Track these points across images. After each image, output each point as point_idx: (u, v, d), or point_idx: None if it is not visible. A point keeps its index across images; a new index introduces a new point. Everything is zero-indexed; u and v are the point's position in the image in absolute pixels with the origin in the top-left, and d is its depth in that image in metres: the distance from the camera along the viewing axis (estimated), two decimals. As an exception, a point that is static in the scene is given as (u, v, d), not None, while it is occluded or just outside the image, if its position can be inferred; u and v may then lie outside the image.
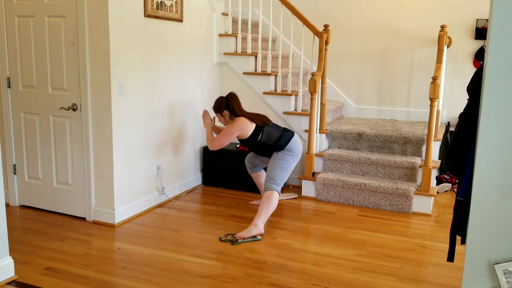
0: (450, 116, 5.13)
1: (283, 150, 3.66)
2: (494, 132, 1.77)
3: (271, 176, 3.59)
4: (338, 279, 2.83)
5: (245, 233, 3.40)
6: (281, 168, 3.60)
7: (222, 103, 3.75)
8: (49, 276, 2.80)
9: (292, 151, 3.66)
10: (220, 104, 3.76)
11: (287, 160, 3.64)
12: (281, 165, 3.61)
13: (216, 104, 3.79)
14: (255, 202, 4.19)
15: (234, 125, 3.67)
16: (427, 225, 3.76)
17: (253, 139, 3.67)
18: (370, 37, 5.37)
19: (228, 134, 3.66)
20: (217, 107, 3.78)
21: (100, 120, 3.52)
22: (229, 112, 3.74)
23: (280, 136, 3.67)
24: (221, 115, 3.77)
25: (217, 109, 3.78)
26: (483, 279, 1.87)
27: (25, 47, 3.67)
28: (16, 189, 3.97)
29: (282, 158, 3.63)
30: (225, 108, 3.74)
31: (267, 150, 3.72)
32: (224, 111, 3.74)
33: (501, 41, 1.72)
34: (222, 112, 3.76)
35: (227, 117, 3.76)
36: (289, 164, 3.64)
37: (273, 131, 3.69)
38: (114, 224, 3.61)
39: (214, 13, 4.70)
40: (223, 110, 3.75)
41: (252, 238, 3.38)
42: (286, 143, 3.66)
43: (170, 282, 2.76)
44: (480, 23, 4.88)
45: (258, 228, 3.43)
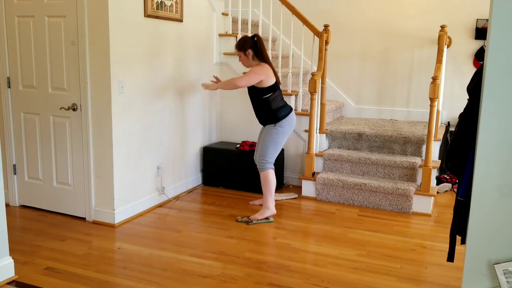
0: (450, 116, 5.13)
1: (278, 125, 3.69)
2: (494, 132, 1.77)
3: (262, 154, 3.73)
4: (338, 279, 2.83)
5: (259, 215, 3.73)
6: (272, 145, 3.73)
7: (247, 41, 3.66)
8: (49, 276, 2.80)
9: (285, 127, 3.72)
10: (246, 42, 3.66)
11: (279, 138, 3.74)
12: (273, 142, 3.72)
13: (240, 41, 3.69)
14: (255, 202, 4.19)
15: (261, 68, 3.61)
16: (427, 225, 3.76)
17: (264, 92, 3.64)
18: (370, 37, 5.37)
19: (255, 73, 3.59)
20: (242, 44, 3.66)
21: (100, 120, 3.52)
22: (253, 52, 3.66)
23: (283, 106, 3.70)
24: (244, 53, 3.67)
25: (241, 47, 3.66)
26: (483, 279, 1.87)
27: (25, 47, 3.67)
28: (16, 189, 3.97)
29: (275, 136, 3.71)
30: (251, 47, 3.65)
31: (265, 113, 3.70)
32: (249, 50, 3.65)
33: (501, 41, 1.72)
34: (246, 50, 3.65)
35: (250, 57, 3.66)
36: (280, 141, 3.77)
37: (280, 98, 3.73)
38: (114, 224, 3.61)
39: (214, 13, 4.70)
40: (248, 48, 3.65)
41: (265, 219, 3.69)
42: (284, 116, 3.70)
43: (170, 282, 2.76)
44: (480, 23, 4.88)
45: (270, 210, 3.75)
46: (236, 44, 3.75)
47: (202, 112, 4.68)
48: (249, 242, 3.36)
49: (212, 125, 4.89)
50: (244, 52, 3.67)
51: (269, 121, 3.72)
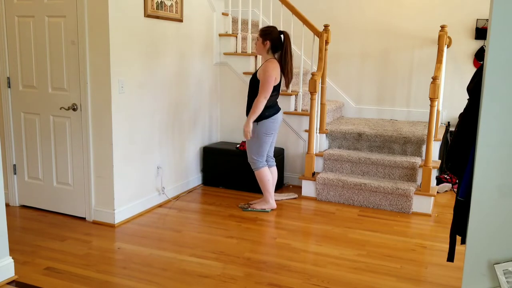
0: (450, 116, 5.13)
1: (260, 124, 3.74)
2: (494, 132, 1.77)
3: (249, 155, 3.89)
4: (338, 279, 2.83)
5: (257, 205, 3.99)
6: (255, 144, 3.83)
7: (273, 33, 3.67)
8: (49, 276, 2.80)
9: (266, 127, 3.77)
10: (271, 33, 3.67)
11: (261, 137, 3.81)
12: (255, 141, 3.82)
13: (267, 29, 3.70)
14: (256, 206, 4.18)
15: (268, 68, 3.63)
16: (427, 225, 3.76)
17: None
18: (370, 37, 5.37)
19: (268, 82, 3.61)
20: (266, 33, 3.68)
21: (100, 120, 3.52)
22: (271, 45, 3.67)
23: (270, 106, 3.74)
24: (262, 41, 3.68)
25: (264, 34, 3.68)
26: (483, 279, 1.87)
27: (25, 47, 3.67)
28: (16, 189, 3.97)
29: (256, 135, 3.77)
30: (271, 40, 3.66)
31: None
32: (268, 41, 3.67)
33: (501, 41, 1.72)
34: (266, 40, 3.66)
35: (266, 47, 3.68)
36: (263, 140, 3.82)
37: (274, 99, 3.78)
38: (114, 224, 3.61)
39: (214, 13, 4.70)
40: (268, 39, 3.66)
41: (261, 209, 3.92)
42: (267, 116, 3.75)
43: (170, 282, 2.76)
44: (480, 23, 4.88)
45: (270, 204, 3.96)
46: (262, 28, 3.77)
47: (202, 112, 4.68)
48: (249, 242, 3.36)
49: (212, 125, 4.89)
50: (263, 40, 3.68)
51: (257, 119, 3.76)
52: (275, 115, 3.81)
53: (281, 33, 3.73)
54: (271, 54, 3.73)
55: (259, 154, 3.85)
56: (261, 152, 3.85)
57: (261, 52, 3.75)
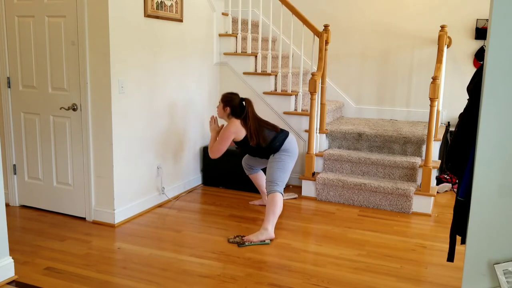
0: (450, 116, 5.13)
1: (279, 152, 3.61)
2: (494, 132, 1.77)
3: (271, 179, 3.54)
4: (338, 279, 2.83)
5: (254, 236, 3.36)
6: (279, 170, 3.56)
7: (233, 100, 3.67)
8: (49, 276, 2.80)
9: (288, 151, 3.61)
10: (231, 99, 3.67)
11: (284, 161, 3.59)
12: (279, 167, 3.57)
13: (228, 96, 3.70)
14: (255, 202, 4.19)
15: (228, 128, 3.62)
16: (427, 225, 3.76)
17: (247, 141, 3.62)
18: (370, 37, 5.37)
19: (224, 139, 3.62)
20: (227, 100, 3.67)
21: (100, 120, 3.52)
22: (232, 111, 3.66)
23: (275, 138, 3.60)
24: (223, 107, 3.68)
25: (225, 101, 3.67)
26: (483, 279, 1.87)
27: (25, 47, 3.67)
28: (16, 189, 3.97)
29: (279, 160, 3.58)
30: (231, 107, 3.66)
31: (263, 152, 3.67)
32: (228, 108, 3.66)
33: (501, 41, 1.72)
34: (226, 106, 3.67)
35: (226, 113, 3.68)
36: (287, 165, 3.60)
37: (267, 133, 3.62)
38: (114, 224, 3.61)
39: (214, 13, 4.70)
40: (228, 106, 3.66)
41: (261, 242, 3.34)
42: (280, 144, 3.60)
43: (170, 282, 2.76)
44: (480, 23, 4.88)
45: (268, 233, 3.39)
46: (223, 94, 3.73)
47: (202, 112, 4.68)
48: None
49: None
50: (223, 107, 3.68)
51: (270, 154, 3.66)
52: (286, 139, 3.63)
53: (242, 100, 3.69)
54: (231, 117, 3.69)
55: (282, 180, 3.56)
56: (284, 178, 3.58)
57: (222, 116, 3.73)
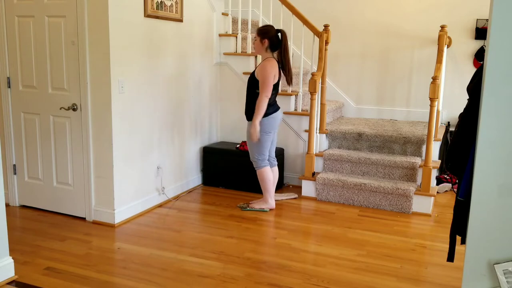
0: (450, 116, 5.13)
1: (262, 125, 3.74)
2: (494, 132, 1.77)
3: (250, 155, 3.91)
4: (338, 279, 2.83)
5: (256, 204, 3.99)
6: (258, 145, 3.83)
7: (270, 32, 3.68)
8: (49, 276, 2.80)
9: (264, 126, 3.77)
10: (268, 32, 3.68)
11: (262, 137, 3.81)
12: (258, 143, 3.82)
13: (264, 28, 3.71)
14: (255, 206, 4.18)
15: (264, 67, 3.63)
16: (427, 225, 3.76)
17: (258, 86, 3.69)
18: (370, 37, 5.37)
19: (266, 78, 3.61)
20: (263, 32, 3.68)
21: (100, 120, 3.52)
22: (269, 44, 3.67)
23: (270, 104, 3.74)
24: (260, 40, 3.68)
25: (261, 33, 3.68)
26: (483, 279, 1.87)
27: (25, 47, 3.67)
28: (16, 189, 3.97)
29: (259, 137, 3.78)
30: (269, 38, 3.67)
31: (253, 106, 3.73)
32: (266, 40, 3.67)
33: (501, 41, 1.72)
34: (264, 39, 3.66)
35: (264, 46, 3.69)
36: (264, 139, 3.83)
37: (273, 97, 3.77)
38: (114, 224, 3.61)
39: (214, 13, 4.70)
40: (266, 38, 3.67)
41: (260, 209, 3.93)
42: (267, 115, 3.74)
43: (170, 282, 2.76)
44: (480, 23, 4.88)
45: (269, 203, 3.96)
46: (259, 28, 3.77)
47: (202, 112, 4.68)
48: (249, 242, 3.36)
49: (212, 125, 4.89)
50: (261, 39, 3.69)
51: (252, 117, 3.75)
52: (274, 113, 3.81)
53: (278, 31, 3.74)
54: (269, 53, 3.74)
55: (260, 153, 3.86)
56: (262, 150, 3.86)
57: (259, 51, 3.76)
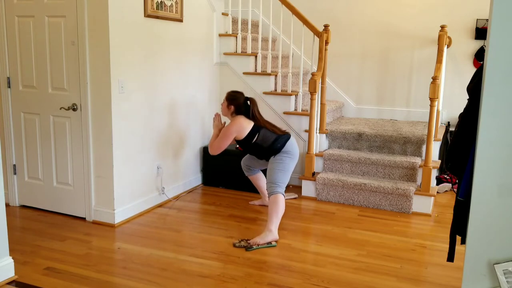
0: (450, 116, 5.13)
1: (279, 154, 3.58)
2: (494, 132, 1.77)
3: (272, 180, 3.52)
4: (338, 279, 2.83)
5: (260, 239, 3.32)
6: (280, 171, 3.54)
7: (237, 98, 3.69)
8: (49, 276, 2.80)
9: (289, 153, 3.58)
10: (235, 98, 3.70)
11: (285, 162, 3.56)
12: (279, 168, 3.54)
13: (232, 94, 3.72)
14: (255, 202, 4.19)
15: (230, 126, 3.63)
16: (427, 225, 3.76)
17: (249, 139, 3.63)
18: (370, 37, 5.37)
19: (225, 136, 3.63)
20: (232, 98, 3.70)
21: (100, 120, 3.52)
22: (236, 110, 3.68)
23: (276, 139, 3.59)
24: (227, 105, 3.70)
25: (230, 99, 3.70)
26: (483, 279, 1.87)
27: (25, 47, 3.67)
28: (16, 189, 3.97)
29: (280, 161, 3.56)
30: (236, 105, 3.68)
31: (263, 152, 3.66)
32: (232, 106, 3.69)
33: (501, 41, 1.72)
34: (230, 104, 3.69)
35: (230, 111, 3.71)
36: (287, 166, 3.57)
37: (269, 134, 3.61)
38: (114, 224, 3.61)
39: (214, 13, 4.70)
40: (232, 104, 3.69)
41: (267, 244, 3.31)
42: (282, 146, 3.58)
43: (170, 282, 2.76)
44: (480, 23, 4.88)
45: (273, 234, 3.37)
46: (229, 92, 3.76)
47: (202, 112, 4.68)
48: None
49: (212, 125, 4.88)
50: (228, 105, 3.70)
51: (271, 155, 3.64)
52: (287, 142, 3.61)
53: (247, 99, 3.71)
54: (235, 116, 3.71)
55: (283, 181, 3.54)
56: (285, 179, 3.56)
57: (225, 114, 3.75)
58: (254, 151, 3.73)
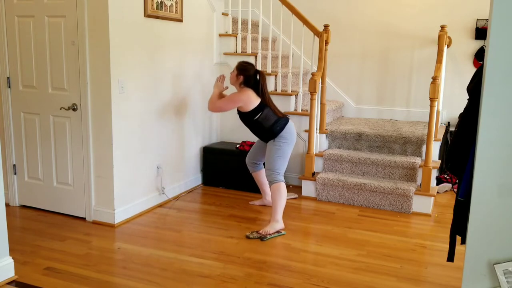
0: (450, 116, 5.13)
1: (278, 138, 3.65)
2: (494, 132, 1.77)
3: (271, 168, 3.63)
4: (338, 279, 2.83)
5: (270, 228, 3.49)
6: (278, 158, 3.64)
7: (248, 70, 3.69)
8: (49, 276, 2.80)
9: (286, 139, 3.66)
10: (246, 69, 3.69)
11: (283, 149, 3.66)
12: (278, 155, 3.64)
13: (243, 65, 3.72)
14: (255, 202, 4.19)
15: (240, 94, 3.65)
16: (427, 225, 3.76)
17: (252, 114, 3.65)
18: (370, 37, 5.37)
19: (231, 101, 3.65)
20: (242, 68, 3.70)
21: (100, 120, 3.52)
22: (245, 81, 3.68)
23: (276, 121, 3.66)
24: (236, 75, 3.70)
25: (240, 69, 3.70)
26: (483, 279, 1.87)
27: (25, 47, 3.67)
28: (16, 189, 3.97)
29: (278, 148, 3.64)
30: (245, 76, 3.68)
31: (262, 132, 3.69)
32: (241, 76, 3.68)
33: (501, 41, 1.72)
34: (239, 74, 3.69)
35: (238, 81, 3.70)
36: (285, 152, 3.67)
37: (271, 115, 3.67)
38: (114, 224, 3.61)
39: (214, 13, 4.70)
40: (241, 74, 3.68)
41: (277, 233, 3.48)
42: (281, 129, 3.65)
43: (170, 282, 2.76)
44: (480, 23, 4.88)
45: (280, 223, 3.55)
46: (240, 62, 3.76)
47: (202, 112, 4.68)
48: (249, 242, 3.36)
49: (212, 125, 4.89)
50: (237, 74, 3.70)
51: (269, 138, 3.68)
52: (286, 125, 3.66)
53: (257, 72, 3.72)
54: (243, 87, 3.72)
55: (281, 168, 3.65)
56: (283, 166, 3.67)
57: (234, 84, 3.75)
58: (253, 128, 3.74)
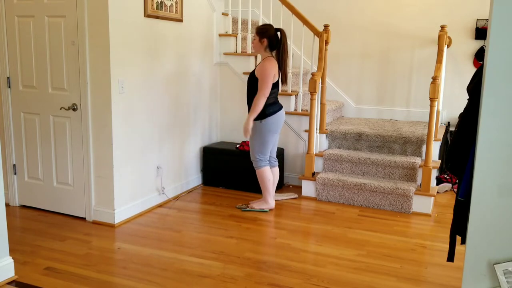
0: (450, 116, 5.13)
1: (263, 122, 3.72)
2: (494, 132, 1.77)
3: (252, 153, 3.88)
4: (338, 279, 2.83)
5: (256, 205, 3.98)
6: (259, 143, 3.82)
7: (269, 31, 3.67)
8: (49, 276, 2.80)
9: (269, 125, 3.76)
10: (267, 31, 3.67)
11: (264, 135, 3.80)
12: (259, 140, 3.81)
13: (263, 27, 3.70)
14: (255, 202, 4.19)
15: (264, 66, 3.63)
16: (427, 225, 3.76)
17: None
18: (370, 37, 5.37)
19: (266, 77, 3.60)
20: (263, 31, 3.67)
21: (100, 120, 3.52)
22: (268, 43, 3.67)
23: (272, 103, 3.72)
24: (259, 39, 3.68)
25: (261, 32, 3.67)
26: (483, 279, 1.87)
27: (25, 47, 3.67)
28: (16, 189, 3.97)
29: (259, 133, 3.78)
30: (268, 37, 3.66)
31: None
32: (265, 39, 3.67)
33: (501, 41, 1.72)
34: (262, 38, 3.66)
35: (263, 45, 3.69)
36: (266, 139, 3.82)
37: (274, 96, 3.75)
38: (114, 224, 3.61)
39: (214, 13, 4.70)
40: (265, 37, 3.66)
41: (260, 209, 3.92)
42: (270, 113, 3.72)
43: (170, 282, 2.76)
44: (480, 23, 4.88)
45: (268, 203, 3.96)
46: (258, 26, 3.77)
47: (202, 112, 4.68)
48: (249, 242, 3.36)
49: (212, 125, 4.89)
50: (260, 38, 3.68)
51: (258, 118, 3.74)
52: (277, 112, 3.80)
53: (277, 30, 3.74)
54: (268, 52, 3.75)
55: (262, 153, 3.85)
56: (264, 151, 3.85)
57: (258, 50, 3.76)
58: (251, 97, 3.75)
